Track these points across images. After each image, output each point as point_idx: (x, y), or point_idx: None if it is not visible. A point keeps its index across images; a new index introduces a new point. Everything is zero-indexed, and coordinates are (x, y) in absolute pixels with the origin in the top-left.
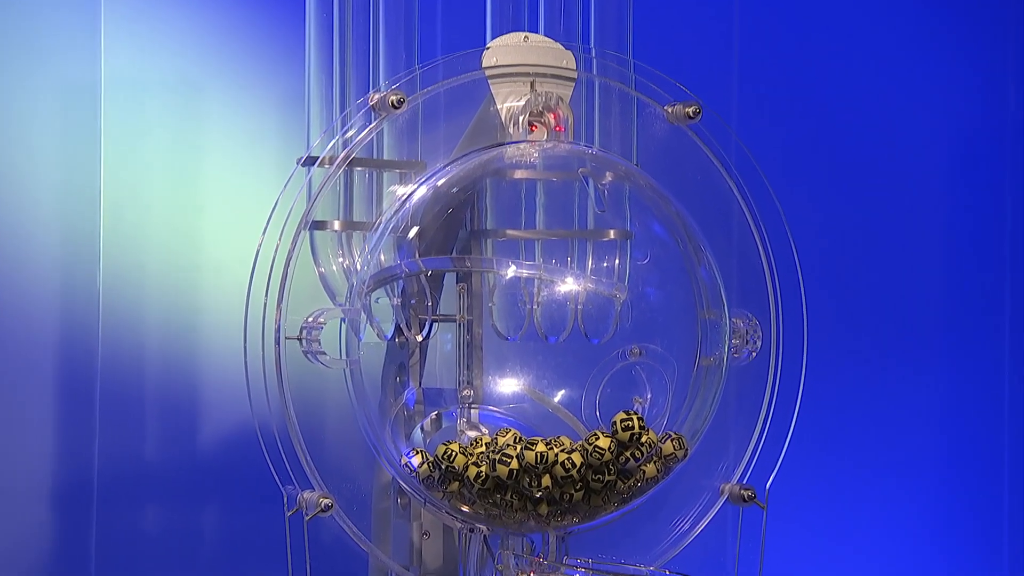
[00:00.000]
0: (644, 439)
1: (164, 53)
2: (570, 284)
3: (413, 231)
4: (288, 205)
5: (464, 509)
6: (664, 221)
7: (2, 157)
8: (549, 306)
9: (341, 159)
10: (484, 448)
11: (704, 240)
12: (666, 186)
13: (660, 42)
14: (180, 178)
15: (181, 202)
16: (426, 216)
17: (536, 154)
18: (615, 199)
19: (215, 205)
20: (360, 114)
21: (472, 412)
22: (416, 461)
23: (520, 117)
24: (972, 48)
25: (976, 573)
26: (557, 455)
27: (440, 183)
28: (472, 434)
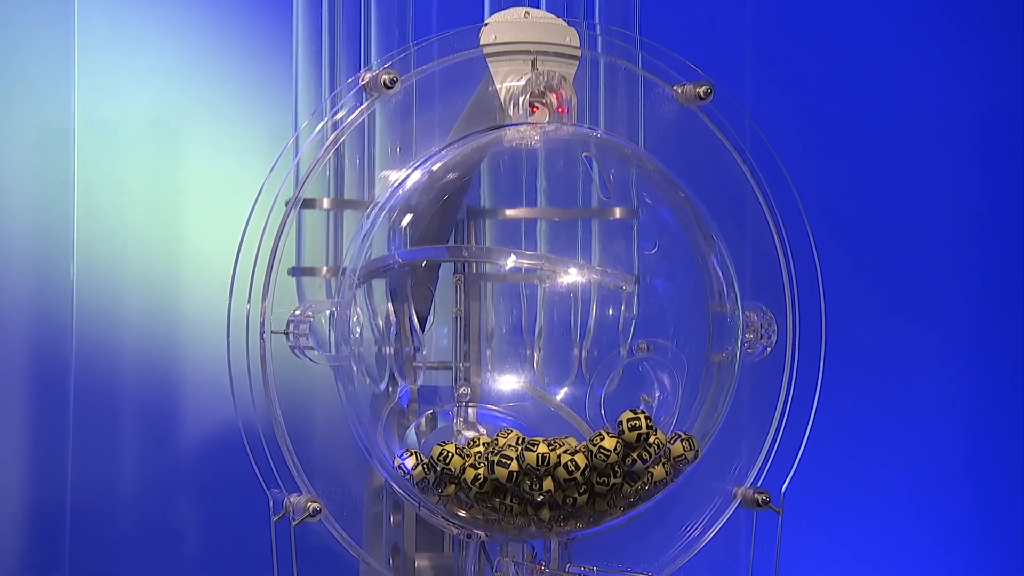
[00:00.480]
0: (652, 440)
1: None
2: (574, 275)
3: (406, 218)
4: (275, 190)
5: (461, 514)
6: (673, 208)
7: None
8: (549, 349)
9: (330, 142)
10: (482, 448)
11: (716, 228)
12: (675, 171)
13: (669, 18)
14: (159, 160)
15: (160, 187)
16: (420, 203)
17: (537, 137)
18: (621, 184)
19: (196, 190)
20: (350, 94)
21: (469, 411)
22: (410, 463)
23: (520, 98)
24: (1010, 20)
25: None
26: (560, 456)
27: (435, 168)
28: (469, 434)
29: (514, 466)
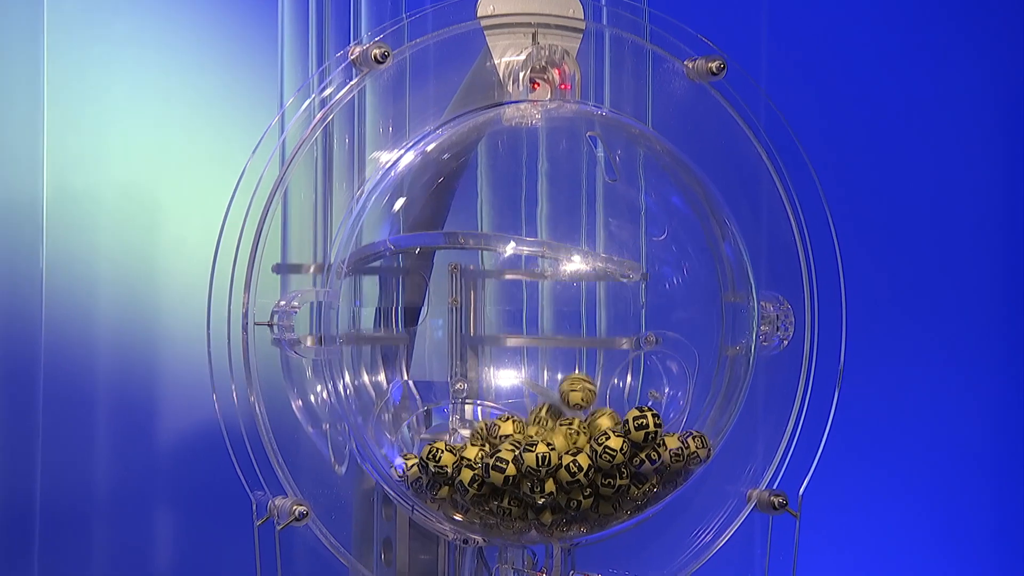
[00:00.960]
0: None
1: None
2: (578, 263)
3: (399, 203)
4: (258, 172)
5: (457, 517)
6: (683, 191)
7: None
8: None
9: (317, 121)
10: (479, 437)
11: (729, 213)
12: (686, 151)
13: None
14: (134, 138)
15: (135, 168)
16: (414, 186)
17: (538, 115)
18: (629, 166)
19: (174, 172)
20: (339, 70)
21: (466, 408)
22: (402, 464)
23: (520, 73)
24: None
25: None
26: (561, 457)
27: (429, 148)
28: (466, 433)
29: (511, 470)
